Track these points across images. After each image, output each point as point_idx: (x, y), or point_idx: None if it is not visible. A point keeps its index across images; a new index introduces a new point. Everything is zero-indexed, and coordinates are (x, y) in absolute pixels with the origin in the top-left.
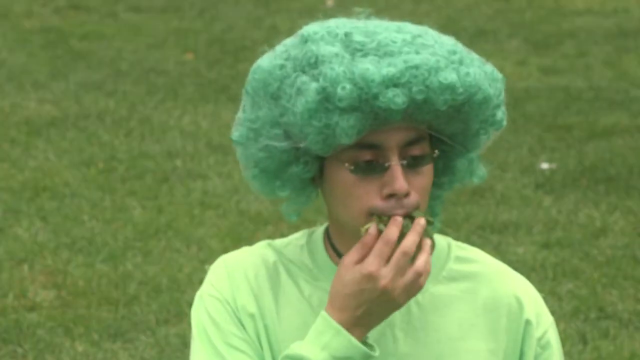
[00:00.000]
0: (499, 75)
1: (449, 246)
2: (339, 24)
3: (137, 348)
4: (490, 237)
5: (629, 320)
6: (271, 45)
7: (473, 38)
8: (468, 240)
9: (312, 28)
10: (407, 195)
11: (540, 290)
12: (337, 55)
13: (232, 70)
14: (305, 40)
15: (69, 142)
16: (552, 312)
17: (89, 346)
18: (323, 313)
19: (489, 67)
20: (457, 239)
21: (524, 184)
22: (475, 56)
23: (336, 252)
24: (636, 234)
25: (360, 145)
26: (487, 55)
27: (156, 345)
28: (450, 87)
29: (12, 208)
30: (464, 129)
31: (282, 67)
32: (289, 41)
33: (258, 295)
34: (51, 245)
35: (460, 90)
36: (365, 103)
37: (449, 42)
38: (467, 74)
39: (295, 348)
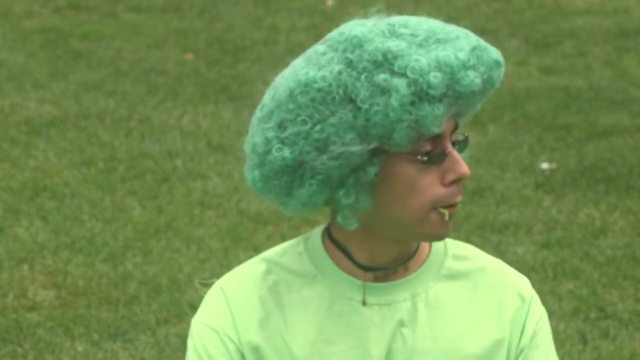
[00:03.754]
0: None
1: (445, 245)
2: (370, 21)
3: (137, 348)
4: (490, 237)
5: (629, 320)
6: (271, 46)
7: None
8: (468, 240)
9: (356, 29)
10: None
11: (540, 290)
12: (409, 47)
13: (232, 70)
14: (359, 40)
15: (69, 142)
16: (552, 312)
17: (89, 346)
18: None
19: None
20: (457, 239)
21: (524, 183)
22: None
23: (348, 256)
24: (636, 234)
25: (425, 138)
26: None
27: (156, 345)
28: (499, 63)
29: (12, 208)
30: (473, 108)
31: (341, 72)
32: (323, 48)
33: (264, 320)
34: (51, 245)
35: (503, 63)
36: (450, 89)
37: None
38: (494, 52)
39: None
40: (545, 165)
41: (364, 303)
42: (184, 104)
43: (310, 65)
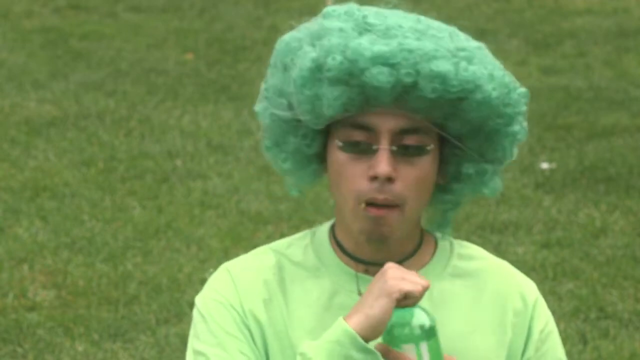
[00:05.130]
0: (520, 89)
1: (451, 244)
2: (360, 7)
3: (137, 348)
4: (490, 237)
5: (629, 320)
6: (271, 46)
7: (473, 38)
8: (468, 240)
9: (333, 6)
10: (391, 181)
11: (540, 290)
12: (341, 30)
13: (232, 70)
14: (323, 15)
15: (69, 142)
16: (552, 312)
17: (89, 346)
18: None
19: (506, 75)
20: (457, 238)
21: (524, 183)
22: (496, 63)
23: (341, 248)
24: (636, 234)
25: (354, 125)
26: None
27: (156, 345)
28: (440, 76)
29: (12, 208)
30: (473, 133)
31: (299, 40)
32: (313, 19)
33: (268, 301)
34: (51, 245)
35: (454, 82)
36: (353, 77)
37: (468, 41)
38: (467, 69)
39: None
40: (545, 165)
41: (360, 293)
42: (184, 104)
43: (295, 29)
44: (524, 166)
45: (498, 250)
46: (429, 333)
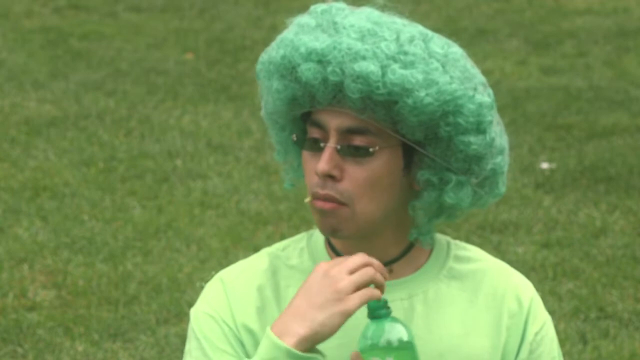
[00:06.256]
0: (483, 99)
1: (448, 245)
2: (343, 7)
3: (137, 348)
4: (490, 237)
5: (629, 320)
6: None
7: (473, 38)
8: (468, 240)
9: (320, 4)
10: (334, 179)
11: (540, 290)
12: (299, 25)
13: (232, 70)
14: (307, 12)
15: (69, 142)
16: (552, 312)
17: (89, 346)
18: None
19: (463, 84)
20: (457, 239)
21: (524, 183)
22: (456, 73)
23: (334, 251)
24: (636, 234)
25: (311, 122)
26: (487, 55)
27: (156, 345)
28: (364, 77)
29: (12, 208)
30: (429, 139)
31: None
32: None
33: (262, 309)
34: (51, 245)
35: (379, 84)
36: (290, 72)
37: (438, 47)
38: (395, 72)
39: None
40: (545, 165)
41: None
42: (184, 104)
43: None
44: (524, 166)
45: (498, 250)
46: (400, 347)
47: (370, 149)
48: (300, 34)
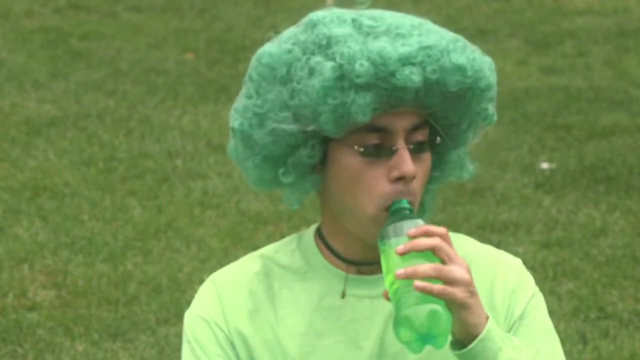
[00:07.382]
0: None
1: None
2: (344, 11)
3: (137, 348)
4: (490, 236)
5: (629, 320)
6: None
7: (473, 38)
8: None
9: (320, 13)
10: (413, 179)
11: (540, 290)
12: (350, 35)
13: (232, 70)
14: (314, 24)
15: (69, 142)
16: (552, 312)
17: (89, 346)
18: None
19: (488, 58)
20: None
21: (524, 183)
22: (475, 47)
23: (331, 250)
24: (636, 234)
25: (369, 128)
26: (487, 55)
27: (156, 345)
28: (461, 69)
29: (12, 208)
30: (458, 121)
31: (290, 51)
32: (293, 29)
33: (254, 312)
34: (51, 245)
35: (470, 72)
36: (382, 81)
37: (449, 32)
38: (474, 58)
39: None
40: (545, 165)
41: (343, 295)
42: (184, 104)
43: (275, 41)
44: (524, 166)
45: None
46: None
47: (437, 142)
48: (368, 43)
